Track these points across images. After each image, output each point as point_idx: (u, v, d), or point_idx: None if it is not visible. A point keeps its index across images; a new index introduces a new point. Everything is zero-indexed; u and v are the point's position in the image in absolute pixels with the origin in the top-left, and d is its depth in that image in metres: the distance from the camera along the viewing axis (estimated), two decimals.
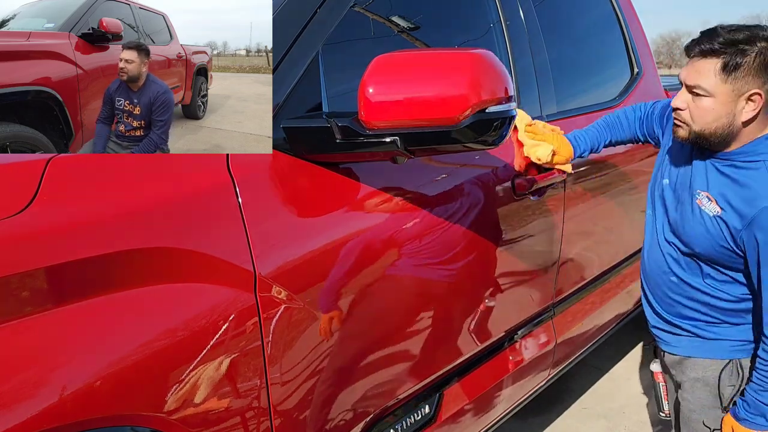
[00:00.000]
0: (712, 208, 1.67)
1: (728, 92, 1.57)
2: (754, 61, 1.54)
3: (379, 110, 1.32)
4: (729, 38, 1.55)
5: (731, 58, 1.54)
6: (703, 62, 1.59)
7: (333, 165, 1.53)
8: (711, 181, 1.69)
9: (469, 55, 1.34)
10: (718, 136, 1.62)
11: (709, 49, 1.57)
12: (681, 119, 1.68)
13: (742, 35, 1.55)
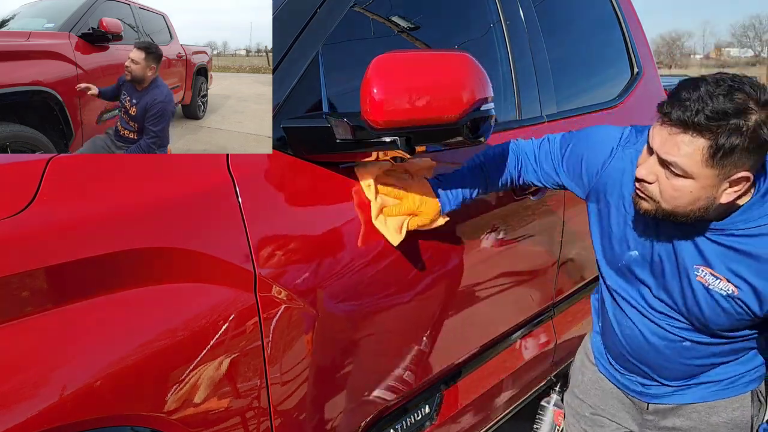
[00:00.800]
0: (724, 287, 1.40)
1: (713, 176, 1.28)
2: (748, 140, 1.24)
3: (388, 110, 1.33)
4: (719, 108, 1.24)
5: (724, 139, 1.24)
6: (685, 137, 1.27)
7: (333, 165, 1.53)
8: (709, 255, 1.40)
9: (463, 57, 1.39)
10: (693, 216, 1.35)
11: (693, 123, 1.25)
12: (647, 193, 1.37)
13: (733, 104, 1.24)
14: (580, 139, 1.68)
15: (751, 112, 1.24)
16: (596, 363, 1.79)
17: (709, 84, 1.27)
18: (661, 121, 1.32)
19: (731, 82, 1.27)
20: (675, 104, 1.28)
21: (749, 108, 1.24)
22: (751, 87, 1.26)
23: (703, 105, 1.24)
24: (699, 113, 1.24)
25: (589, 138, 1.67)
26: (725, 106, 1.24)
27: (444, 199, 1.62)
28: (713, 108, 1.24)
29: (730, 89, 1.25)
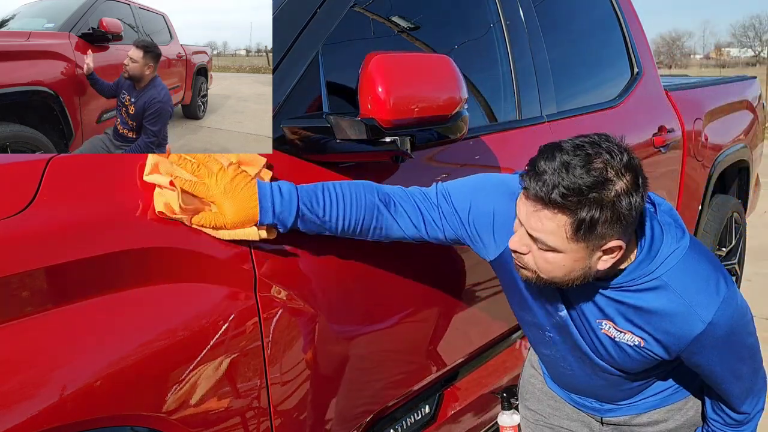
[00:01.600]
0: (629, 339, 1.38)
1: (581, 249, 1.23)
2: (610, 212, 1.18)
3: (396, 109, 1.36)
4: (575, 185, 1.16)
5: (585, 214, 1.17)
6: (546, 213, 1.20)
7: (333, 165, 1.53)
8: (609, 311, 1.38)
9: (448, 59, 1.48)
10: (573, 283, 1.30)
11: (550, 200, 1.18)
12: (523, 263, 1.31)
13: (590, 177, 1.16)
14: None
15: (611, 183, 1.17)
16: (546, 381, 1.77)
17: (566, 153, 1.19)
18: (524, 194, 1.25)
19: (590, 149, 1.19)
20: (533, 177, 1.21)
21: (608, 179, 1.17)
22: (610, 153, 1.19)
23: (560, 180, 1.17)
24: (555, 189, 1.17)
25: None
26: (582, 181, 1.16)
27: (266, 206, 1.28)
28: (569, 184, 1.16)
29: (588, 158, 1.18)
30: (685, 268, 1.31)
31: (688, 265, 1.32)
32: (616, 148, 1.21)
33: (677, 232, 1.34)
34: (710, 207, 3.43)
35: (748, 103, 3.93)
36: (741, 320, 1.37)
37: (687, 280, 1.31)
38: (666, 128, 2.94)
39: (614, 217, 1.19)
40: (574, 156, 1.18)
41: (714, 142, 3.37)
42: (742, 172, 3.88)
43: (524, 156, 2.10)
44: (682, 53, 71.85)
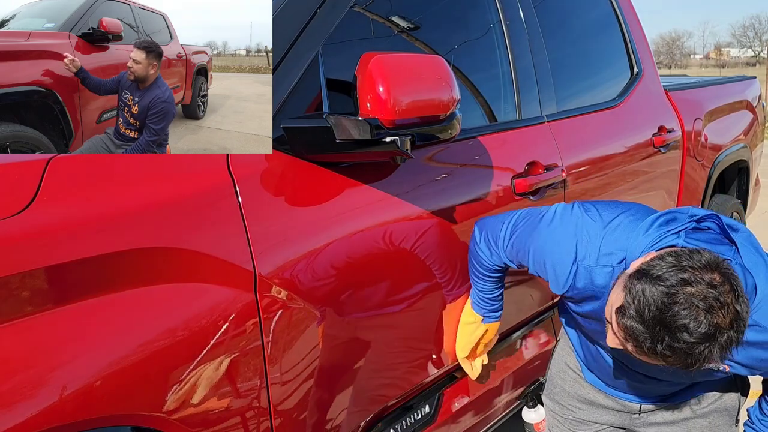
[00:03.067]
0: (714, 365, 1.38)
1: None
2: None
3: (399, 110, 1.38)
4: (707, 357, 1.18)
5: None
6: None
7: (333, 165, 1.53)
8: None
9: (442, 60, 1.50)
10: None
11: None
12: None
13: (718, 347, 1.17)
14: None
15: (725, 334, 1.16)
16: (584, 375, 1.78)
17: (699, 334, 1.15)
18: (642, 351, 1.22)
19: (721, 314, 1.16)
20: (653, 349, 1.19)
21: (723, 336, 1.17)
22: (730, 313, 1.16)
23: (684, 357, 1.17)
24: (678, 362, 1.19)
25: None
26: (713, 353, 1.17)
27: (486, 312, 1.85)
28: (692, 359, 1.17)
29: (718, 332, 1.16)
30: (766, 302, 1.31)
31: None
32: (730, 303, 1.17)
33: (761, 270, 1.32)
34: (710, 207, 3.43)
35: (748, 103, 3.93)
36: None
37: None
38: (666, 128, 2.94)
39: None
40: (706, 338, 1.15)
41: (714, 142, 3.37)
42: (742, 172, 3.88)
43: (524, 156, 2.12)
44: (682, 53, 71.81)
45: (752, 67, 49.63)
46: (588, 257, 1.45)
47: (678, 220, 1.38)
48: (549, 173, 2.15)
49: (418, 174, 1.74)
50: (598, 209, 1.50)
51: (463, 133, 1.85)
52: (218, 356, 1.25)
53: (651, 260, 1.23)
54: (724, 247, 1.33)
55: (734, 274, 1.20)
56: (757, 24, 65.51)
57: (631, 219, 1.44)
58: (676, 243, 1.32)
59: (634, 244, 1.38)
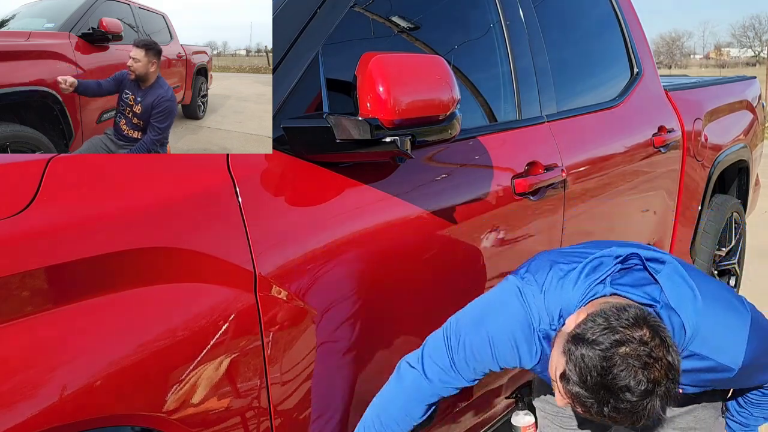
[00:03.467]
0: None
1: None
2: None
3: (397, 110, 1.37)
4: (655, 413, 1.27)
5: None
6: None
7: (333, 165, 1.53)
8: None
9: (442, 59, 1.50)
10: None
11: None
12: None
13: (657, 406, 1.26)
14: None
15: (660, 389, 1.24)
16: None
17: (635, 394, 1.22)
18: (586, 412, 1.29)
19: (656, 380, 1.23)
20: (601, 412, 1.26)
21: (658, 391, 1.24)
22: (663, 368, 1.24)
23: (630, 416, 1.24)
24: (626, 420, 1.26)
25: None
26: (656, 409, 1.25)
27: None
28: (637, 415, 1.24)
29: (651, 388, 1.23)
30: (705, 334, 1.39)
31: (707, 330, 1.39)
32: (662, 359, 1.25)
33: (688, 304, 1.39)
34: (710, 207, 3.43)
35: (748, 103, 3.93)
36: (767, 343, 1.45)
37: (710, 343, 1.39)
38: (666, 128, 2.94)
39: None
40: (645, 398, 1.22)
41: (714, 142, 3.37)
42: (742, 172, 3.88)
43: (524, 156, 2.12)
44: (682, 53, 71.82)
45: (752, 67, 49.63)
46: (542, 322, 1.47)
47: (603, 264, 1.44)
48: (549, 173, 2.15)
49: (418, 174, 1.74)
50: (531, 272, 1.52)
51: (463, 133, 1.85)
52: (218, 356, 1.25)
53: (583, 322, 1.29)
54: (650, 286, 1.41)
55: (661, 326, 1.28)
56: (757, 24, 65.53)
57: (560, 275, 1.47)
58: (603, 293, 1.39)
59: (567, 300, 1.43)
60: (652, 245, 1.93)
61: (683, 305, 1.39)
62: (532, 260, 1.57)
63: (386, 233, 1.62)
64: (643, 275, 1.43)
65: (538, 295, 1.47)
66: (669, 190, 3.03)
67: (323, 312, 1.45)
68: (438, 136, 1.51)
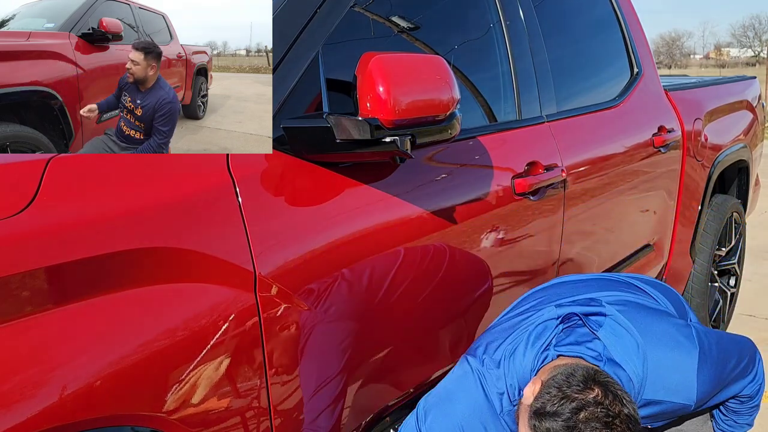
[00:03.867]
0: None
1: None
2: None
3: (397, 110, 1.37)
4: None
5: None
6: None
7: (333, 165, 1.53)
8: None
9: (442, 59, 1.50)
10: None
11: None
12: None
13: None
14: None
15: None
16: None
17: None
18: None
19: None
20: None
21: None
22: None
23: None
24: None
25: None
26: None
27: None
28: None
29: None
30: (654, 380, 1.47)
31: (656, 376, 1.47)
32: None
33: (631, 354, 1.47)
34: (710, 207, 3.43)
35: (748, 103, 3.93)
36: (720, 367, 1.52)
37: (661, 388, 1.47)
38: (666, 128, 2.94)
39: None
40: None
41: (714, 142, 3.37)
42: (742, 172, 3.88)
43: (524, 156, 2.12)
44: (682, 53, 71.81)
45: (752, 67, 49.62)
46: (504, 404, 1.53)
47: (547, 329, 1.54)
48: (549, 173, 2.15)
49: (418, 174, 1.74)
50: (486, 349, 1.60)
51: (463, 133, 1.85)
52: (218, 356, 1.25)
53: (540, 394, 1.36)
54: (593, 342, 1.49)
55: (610, 380, 1.36)
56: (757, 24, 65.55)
57: (509, 349, 1.55)
58: (552, 357, 1.49)
59: (521, 372, 1.51)
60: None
61: (627, 358, 1.47)
62: (484, 337, 1.67)
63: (386, 233, 1.62)
64: (585, 331, 1.52)
65: (495, 373, 1.55)
66: (669, 190, 3.03)
67: (323, 312, 1.45)
68: (438, 136, 1.51)
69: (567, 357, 1.48)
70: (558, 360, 1.48)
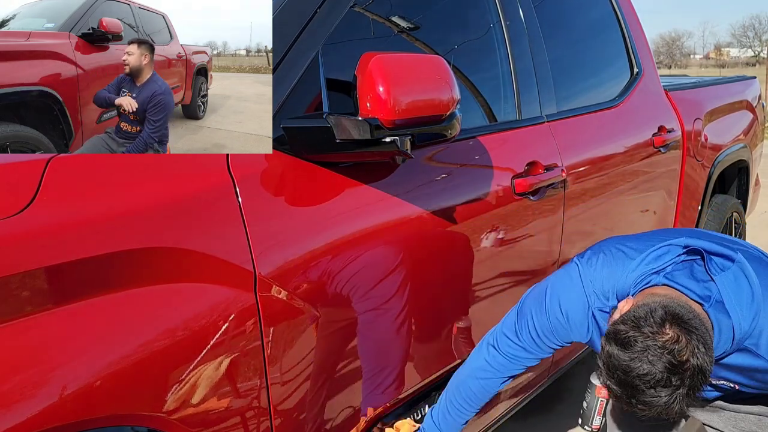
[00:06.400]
0: (724, 383, 1.58)
1: None
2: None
3: (397, 110, 1.37)
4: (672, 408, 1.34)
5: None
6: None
7: (333, 165, 1.53)
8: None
9: (442, 59, 1.50)
10: None
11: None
12: None
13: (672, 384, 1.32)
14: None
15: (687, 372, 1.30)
16: None
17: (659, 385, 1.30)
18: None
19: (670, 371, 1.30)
20: (630, 404, 1.34)
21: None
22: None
23: (656, 409, 1.32)
24: (655, 413, 1.33)
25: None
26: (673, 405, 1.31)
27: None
28: (664, 410, 1.32)
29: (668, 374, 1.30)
30: (758, 336, 1.43)
31: (763, 335, 1.43)
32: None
33: (744, 305, 1.43)
34: (710, 207, 3.43)
35: (748, 103, 3.93)
36: None
37: (764, 346, 1.43)
38: (666, 128, 2.94)
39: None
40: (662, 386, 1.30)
41: (714, 142, 3.37)
42: (742, 172, 3.88)
43: (524, 156, 2.12)
44: (682, 53, 71.78)
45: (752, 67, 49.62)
46: (596, 301, 1.57)
47: (669, 253, 1.49)
48: (549, 173, 2.15)
49: (418, 174, 1.74)
50: (594, 254, 1.63)
51: (463, 133, 1.85)
52: (218, 356, 1.25)
53: (620, 319, 1.36)
54: (707, 283, 1.44)
55: (694, 327, 1.32)
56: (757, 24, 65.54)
57: (622, 259, 1.55)
58: (656, 282, 1.45)
59: (622, 282, 1.52)
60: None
61: (738, 308, 1.42)
62: (600, 243, 1.68)
63: (386, 233, 1.62)
64: (703, 271, 1.46)
65: (595, 276, 1.58)
66: (669, 190, 3.03)
67: (323, 312, 1.45)
68: (434, 139, 1.52)
69: (670, 289, 1.44)
70: (660, 288, 1.45)
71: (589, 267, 1.60)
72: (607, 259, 1.58)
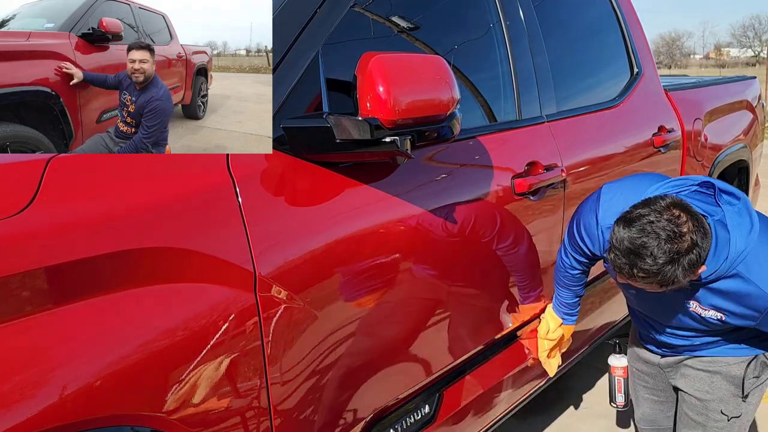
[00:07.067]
0: (713, 315, 1.72)
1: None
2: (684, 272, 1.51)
3: (397, 110, 1.37)
4: (668, 276, 1.50)
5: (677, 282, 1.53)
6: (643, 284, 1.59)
7: (333, 165, 1.53)
8: (696, 296, 1.71)
9: (443, 60, 1.51)
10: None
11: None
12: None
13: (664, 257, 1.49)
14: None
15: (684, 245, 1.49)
16: (637, 338, 2.14)
17: (656, 250, 1.48)
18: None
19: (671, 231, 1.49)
20: (632, 274, 1.54)
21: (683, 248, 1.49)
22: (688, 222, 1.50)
23: (656, 277, 1.50)
24: (653, 282, 1.52)
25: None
26: (673, 273, 1.49)
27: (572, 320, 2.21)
28: (662, 278, 1.50)
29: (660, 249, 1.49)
30: (752, 261, 1.58)
31: (756, 259, 1.58)
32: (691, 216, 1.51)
33: (743, 230, 1.60)
34: None
35: (748, 103, 3.93)
36: None
37: (755, 267, 1.58)
38: (666, 128, 2.94)
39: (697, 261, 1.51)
40: (660, 252, 1.48)
41: (714, 142, 3.37)
42: (742, 172, 3.88)
43: (524, 156, 2.12)
44: (682, 53, 71.77)
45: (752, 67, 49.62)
46: (606, 219, 1.78)
47: (684, 184, 1.68)
48: (549, 173, 2.15)
49: (418, 174, 1.74)
50: (619, 182, 1.88)
51: (463, 133, 1.85)
52: (218, 356, 1.25)
53: (634, 206, 1.57)
54: (715, 208, 1.62)
55: (696, 213, 1.52)
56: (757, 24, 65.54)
57: (642, 187, 1.72)
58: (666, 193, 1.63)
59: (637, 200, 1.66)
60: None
61: (737, 230, 1.59)
62: (629, 176, 1.95)
63: (386, 233, 1.62)
64: (713, 201, 1.64)
65: (613, 198, 1.80)
66: None
67: (323, 312, 1.45)
68: (433, 138, 1.50)
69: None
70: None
71: (609, 192, 1.83)
72: (628, 185, 1.80)
